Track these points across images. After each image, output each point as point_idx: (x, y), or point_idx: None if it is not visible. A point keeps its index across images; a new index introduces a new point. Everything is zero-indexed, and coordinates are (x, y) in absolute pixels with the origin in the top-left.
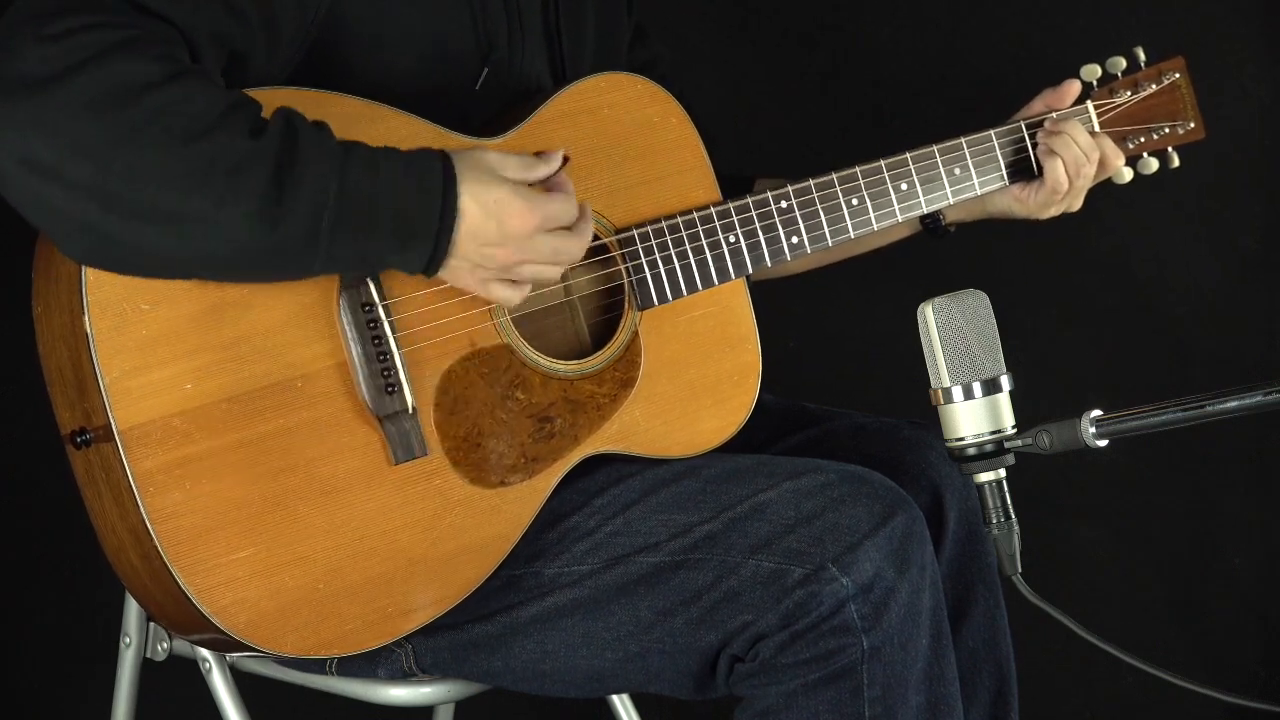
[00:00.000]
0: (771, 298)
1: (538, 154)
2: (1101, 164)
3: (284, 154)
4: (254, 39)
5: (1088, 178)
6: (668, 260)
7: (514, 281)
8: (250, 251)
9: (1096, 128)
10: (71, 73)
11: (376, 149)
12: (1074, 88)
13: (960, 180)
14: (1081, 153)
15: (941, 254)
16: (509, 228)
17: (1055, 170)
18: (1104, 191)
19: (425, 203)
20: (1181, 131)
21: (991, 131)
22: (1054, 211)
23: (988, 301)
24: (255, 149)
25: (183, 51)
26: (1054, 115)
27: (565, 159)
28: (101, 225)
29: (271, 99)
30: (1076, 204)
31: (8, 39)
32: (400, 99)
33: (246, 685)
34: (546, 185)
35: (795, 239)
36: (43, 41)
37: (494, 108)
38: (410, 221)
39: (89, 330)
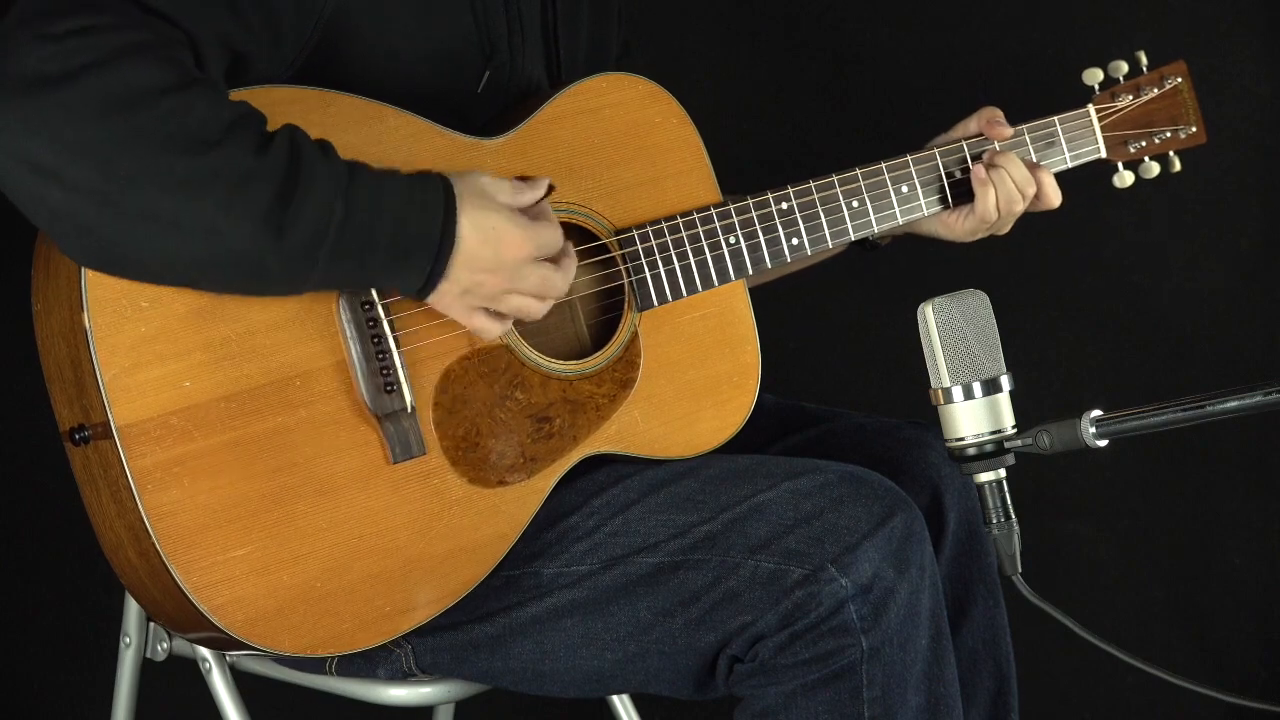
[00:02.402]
0: (771, 298)
1: (523, 178)
2: (1039, 197)
3: (289, 172)
4: (257, 40)
5: (1017, 213)
6: (668, 261)
7: (498, 314)
8: (246, 263)
9: (1098, 131)
10: (76, 74)
11: (380, 171)
12: (1005, 131)
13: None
14: (1015, 188)
15: (941, 254)
16: (504, 255)
17: (986, 200)
18: (1104, 191)
19: (425, 226)
20: (1183, 136)
21: (936, 151)
22: (979, 236)
23: (988, 301)
24: (259, 165)
25: (188, 56)
26: (996, 145)
27: (550, 186)
28: (99, 228)
29: (275, 97)
30: (1004, 230)
31: (8, 37)
32: (401, 100)
33: (246, 685)
34: (531, 212)
35: (795, 240)
36: (45, 40)
37: (494, 109)
38: (409, 244)
39: (88, 327)
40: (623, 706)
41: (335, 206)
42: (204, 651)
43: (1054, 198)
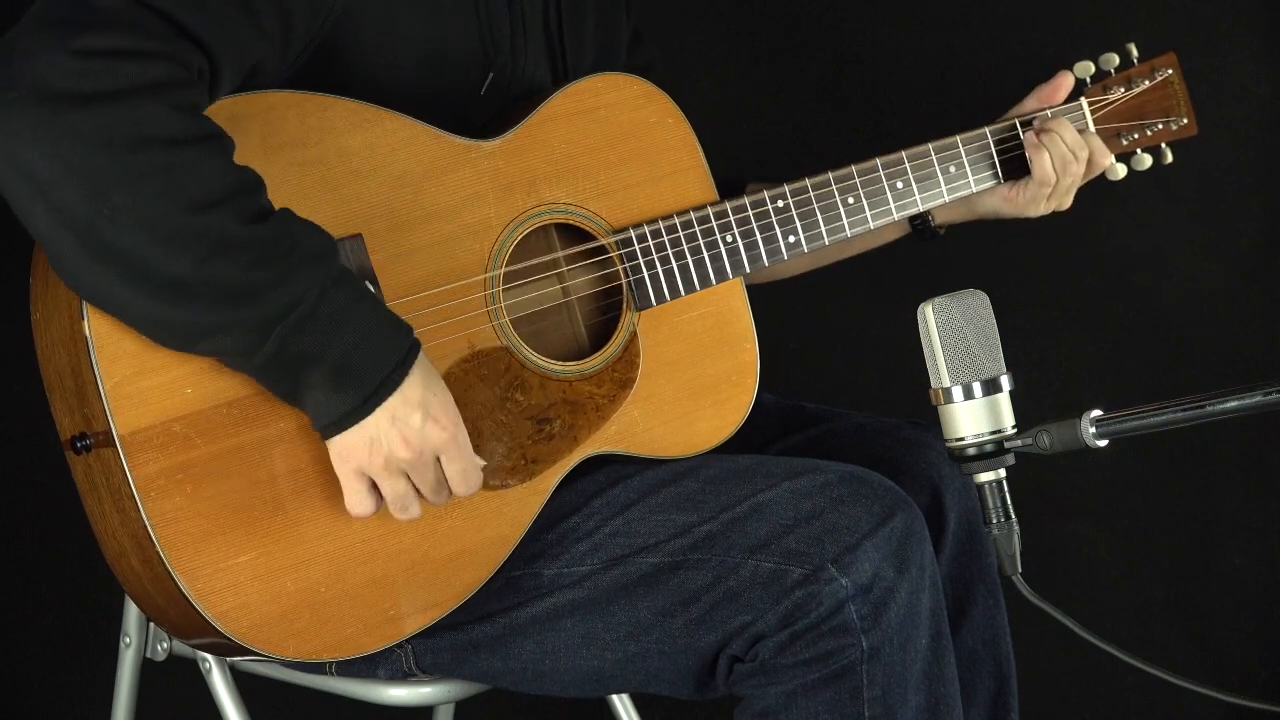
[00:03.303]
0: (771, 298)
1: None
2: (1090, 162)
3: (275, 248)
4: (271, 44)
5: (1075, 175)
6: (665, 261)
7: (376, 493)
8: (198, 325)
9: (1090, 125)
10: (94, 99)
11: (364, 289)
12: (1066, 80)
13: (955, 178)
14: (1068, 149)
15: (941, 254)
16: (428, 431)
17: (1042, 165)
18: (1104, 191)
19: (384, 353)
20: (1175, 127)
21: (986, 129)
22: (1043, 209)
23: (988, 301)
24: (249, 235)
25: (204, 93)
26: (1048, 113)
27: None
28: (71, 255)
29: (272, 102)
30: (1066, 203)
31: (32, 41)
32: (404, 102)
33: (246, 685)
34: None
35: (792, 238)
36: (72, 55)
37: (494, 110)
38: (359, 363)
39: (88, 335)
40: (623, 706)
41: (309, 296)
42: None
43: (1103, 157)
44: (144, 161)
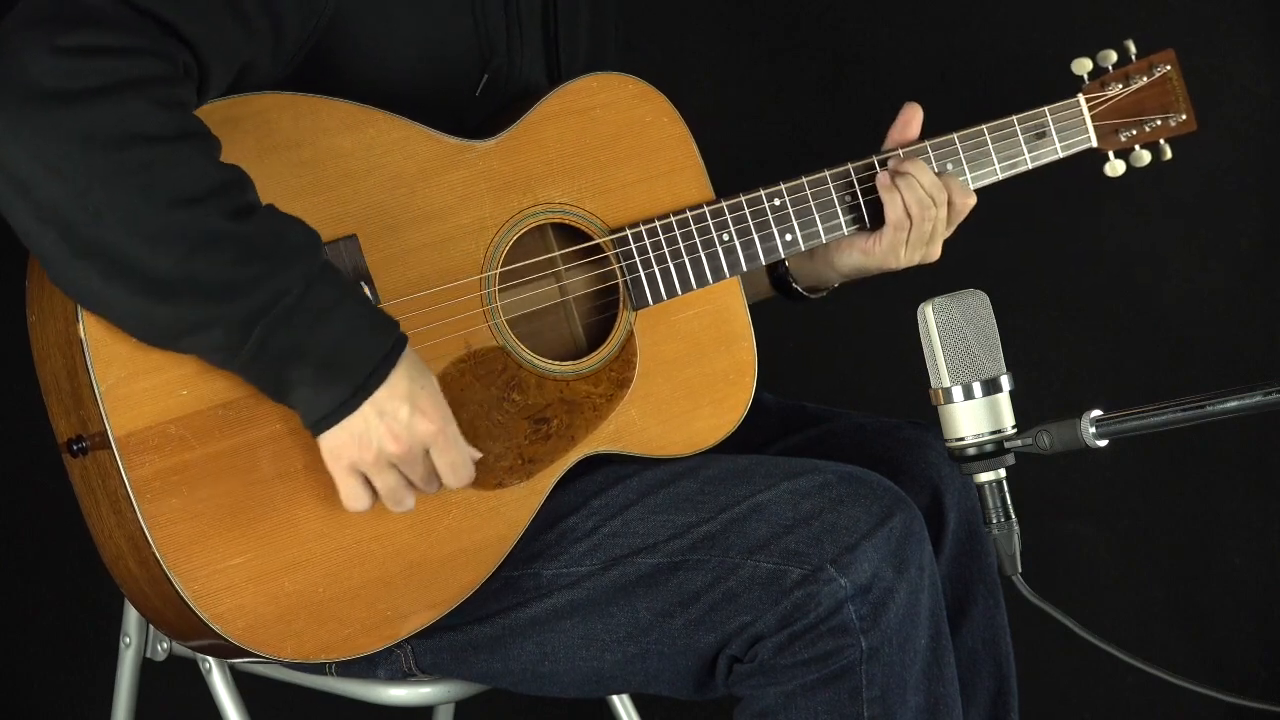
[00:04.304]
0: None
1: None
2: (951, 205)
3: (259, 243)
4: (262, 45)
5: (935, 220)
6: (662, 260)
7: (370, 486)
8: (181, 321)
9: (1089, 121)
10: (76, 97)
11: (351, 284)
12: (915, 115)
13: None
14: (925, 193)
15: (942, 254)
16: (416, 424)
17: (895, 207)
18: (1103, 190)
19: (369, 349)
20: (1173, 123)
21: (826, 173)
22: (904, 259)
23: (988, 301)
24: (231, 231)
25: (192, 91)
26: (900, 154)
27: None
28: (54, 252)
29: (266, 103)
30: (934, 252)
31: (16, 39)
32: (399, 102)
33: (246, 685)
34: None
35: (789, 236)
36: (55, 53)
37: (489, 111)
38: (345, 358)
39: (83, 337)
40: (623, 706)
41: (293, 292)
42: None
43: (965, 198)
44: (126, 159)
